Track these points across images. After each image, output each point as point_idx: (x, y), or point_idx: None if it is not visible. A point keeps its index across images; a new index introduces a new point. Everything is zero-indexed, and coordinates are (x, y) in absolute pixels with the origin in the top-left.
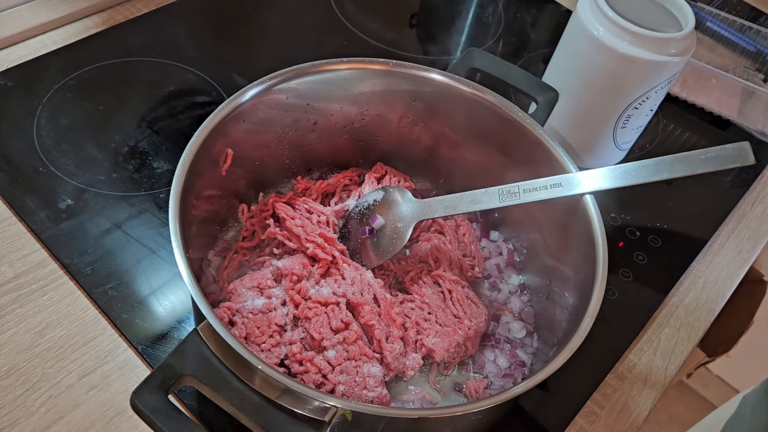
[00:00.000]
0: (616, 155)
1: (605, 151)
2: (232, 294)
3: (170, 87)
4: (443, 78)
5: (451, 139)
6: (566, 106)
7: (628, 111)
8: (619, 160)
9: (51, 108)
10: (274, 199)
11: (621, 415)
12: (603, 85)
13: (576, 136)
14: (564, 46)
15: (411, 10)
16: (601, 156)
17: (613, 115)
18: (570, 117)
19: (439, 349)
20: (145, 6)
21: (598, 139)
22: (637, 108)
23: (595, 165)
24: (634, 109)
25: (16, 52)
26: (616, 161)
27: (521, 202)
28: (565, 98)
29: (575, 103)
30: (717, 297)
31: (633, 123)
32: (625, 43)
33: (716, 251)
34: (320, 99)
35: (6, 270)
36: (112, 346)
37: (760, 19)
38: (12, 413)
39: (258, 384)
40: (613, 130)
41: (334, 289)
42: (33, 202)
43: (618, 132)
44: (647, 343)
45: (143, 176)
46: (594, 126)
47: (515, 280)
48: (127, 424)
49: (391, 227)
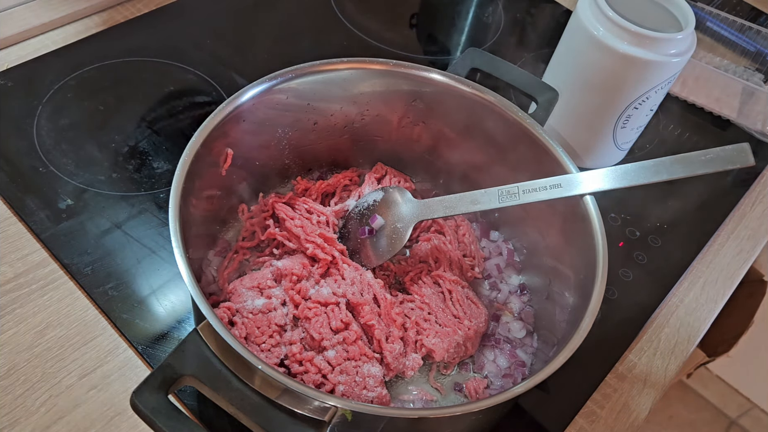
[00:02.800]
0: (616, 155)
1: (605, 151)
2: (232, 294)
3: (170, 87)
4: (443, 78)
5: (451, 139)
6: (566, 106)
7: (628, 111)
8: (619, 159)
9: (51, 108)
10: (274, 200)
11: (621, 415)
12: (603, 85)
13: (576, 136)
14: (564, 46)
15: (411, 10)
16: (601, 156)
17: (613, 115)
18: (570, 117)
19: (438, 349)
20: (145, 6)
21: (598, 139)
22: (637, 108)
23: (595, 165)
24: (634, 109)
25: (16, 52)
26: (616, 161)
27: (521, 202)
28: (565, 98)
29: (575, 103)
30: (717, 297)
31: (633, 123)
32: (625, 43)
33: (716, 251)
34: (320, 99)
35: (6, 270)
36: (112, 346)
37: (760, 19)
38: (12, 413)
39: (258, 384)
40: (613, 130)
41: (334, 290)
42: (33, 202)
43: (618, 132)
44: (647, 343)
45: (143, 176)
46: (594, 126)
47: (515, 280)
48: (127, 424)
49: (390, 227)
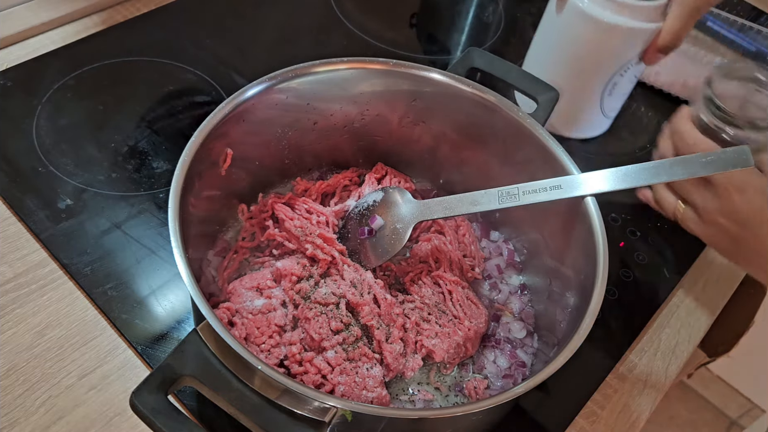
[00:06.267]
0: (604, 123)
1: (593, 120)
2: (231, 294)
3: (170, 87)
4: (443, 78)
5: (451, 139)
6: (554, 79)
7: (614, 79)
8: (606, 127)
9: (50, 108)
10: (273, 200)
11: (621, 415)
12: (589, 56)
13: (564, 107)
14: (548, 21)
15: (411, 10)
16: (590, 125)
17: (600, 85)
18: (558, 89)
19: (438, 349)
20: (144, 6)
21: (587, 109)
22: (622, 75)
23: (584, 134)
24: (620, 77)
25: (15, 52)
26: (604, 129)
27: (521, 203)
28: (552, 72)
29: (563, 75)
30: (717, 297)
31: (619, 90)
32: (609, 12)
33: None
34: (320, 99)
35: (5, 270)
36: (111, 347)
37: (760, 19)
38: (12, 413)
39: (258, 384)
40: (601, 98)
41: (334, 290)
42: (32, 202)
43: (605, 100)
44: (648, 344)
45: (143, 176)
46: (582, 96)
47: (515, 280)
48: (127, 425)
49: (390, 228)
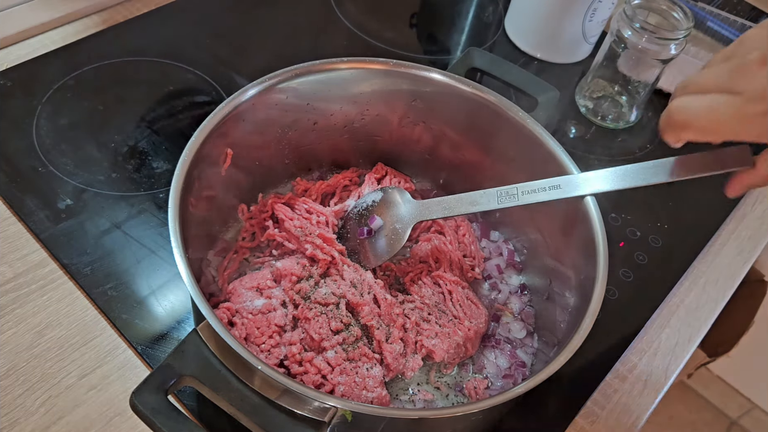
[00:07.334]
0: (585, 48)
1: (576, 45)
2: (231, 294)
3: (170, 87)
4: (443, 78)
5: (451, 139)
6: (538, 6)
7: (594, 4)
8: (588, 53)
9: (50, 108)
10: (273, 200)
11: (621, 415)
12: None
13: (547, 33)
14: None
15: (411, 10)
16: (573, 50)
17: (581, 10)
18: (540, 19)
19: (438, 350)
20: (144, 6)
21: (568, 34)
22: (601, 1)
23: (568, 59)
24: (599, 2)
25: (15, 52)
26: (586, 54)
27: (520, 203)
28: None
29: (546, 3)
30: (718, 297)
31: (599, 16)
32: None
33: (717, 251)
34: (320, 99)
35: (5, 270)
36: (111, 347)
37: (760, 19)
38: (12, 413)
39: (258, 384)
40: (582, 24)
41: (334, 290)
42: (32, 202)
43: (586, 26)
44: (648, 344)
45: (143, 176)
46: (564, 22)
47: (515, 280)
48: (127, 425)
49: (389, 228)
